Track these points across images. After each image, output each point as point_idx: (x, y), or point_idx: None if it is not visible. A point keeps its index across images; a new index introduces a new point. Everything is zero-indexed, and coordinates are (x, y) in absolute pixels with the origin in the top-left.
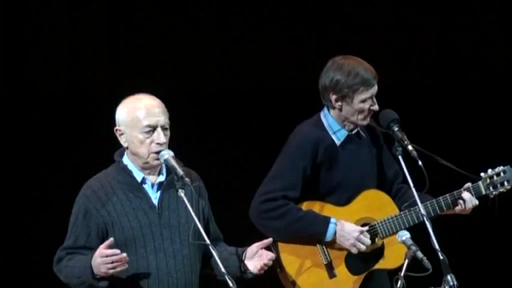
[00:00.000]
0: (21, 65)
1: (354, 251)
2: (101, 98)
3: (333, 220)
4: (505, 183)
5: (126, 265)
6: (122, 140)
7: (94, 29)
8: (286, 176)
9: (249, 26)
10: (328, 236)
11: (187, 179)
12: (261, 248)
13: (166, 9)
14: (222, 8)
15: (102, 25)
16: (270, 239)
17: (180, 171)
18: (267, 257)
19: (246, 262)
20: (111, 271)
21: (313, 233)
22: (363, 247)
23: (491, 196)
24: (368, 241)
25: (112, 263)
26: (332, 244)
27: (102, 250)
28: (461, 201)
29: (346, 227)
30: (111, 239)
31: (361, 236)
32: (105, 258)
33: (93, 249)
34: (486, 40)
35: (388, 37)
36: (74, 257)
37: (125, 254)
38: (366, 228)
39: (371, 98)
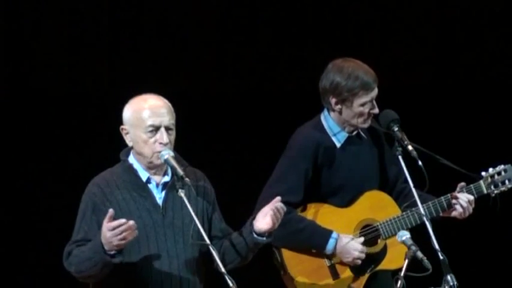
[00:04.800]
0: (22, 64)
1: (351, 264)
2: (102, 100)
3: (333, 235)
4: (506, 182)
5: (136, 232)
6: (127, 139)
7: (95, 30)
8: (288, 179)
9: (250, 28)
10: (328, 250)
11: (187, 179)
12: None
13: (168, 10)
14: (224, 9)
15: (103, 26)
16: (279, 197)
17: (180, 172)
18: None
19: (258, 224)
20: (123, 242)
21: (313, 245)
22: (359, 263)
23: (493, 195)
24: (363, 257)
25: (121, 233)
26: None
27: (108, 224)
28: (455, 201)
29: (347, 245)
30: (110, 210)
31: (360, 255)
32: (113, 231)
33: None
34: (486, 39)
35: (388, 37)
36: (82, 247)
37: (132, 222)
38: (365, 250)
39: (371, 101)
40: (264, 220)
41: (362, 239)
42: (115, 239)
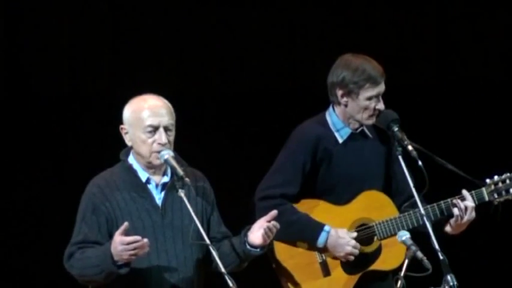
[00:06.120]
0: (22, 65)
1: (344, 260)
2: (102, 100)
3: (326, 228)
4: (510, 190)
5: (147, 248)
6: (127, 139)
7: (95, 29)
8: (286, 171)
9: (250, 27)
10: (319, 243)
11: (187, 179)
12: (268, 221)
13: (167, 10)
14: (224, 9)
15: (103, 26)
16: (276, 211)
17: (180, 172)
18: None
19: (252, 236)
20: (133, 257)
21: (305, 238)
22: (352, 258)
23: (495, 203)
24: (356, 252)
25: (134, 249)
26: None
27: (122, 238)
28: (456, 209)
29: (340, 239)
30: (125, 224)
31: (353, 250)
32: (126, 245)
33: (104, 244)
34: (487, 39)
35: (389, 37)
36: (86, 250)
37: (146, 240)
38: (358, 245)
39: (377, 96)
40: (258, 233)
41: (355, 233)
42: (126, 253)
